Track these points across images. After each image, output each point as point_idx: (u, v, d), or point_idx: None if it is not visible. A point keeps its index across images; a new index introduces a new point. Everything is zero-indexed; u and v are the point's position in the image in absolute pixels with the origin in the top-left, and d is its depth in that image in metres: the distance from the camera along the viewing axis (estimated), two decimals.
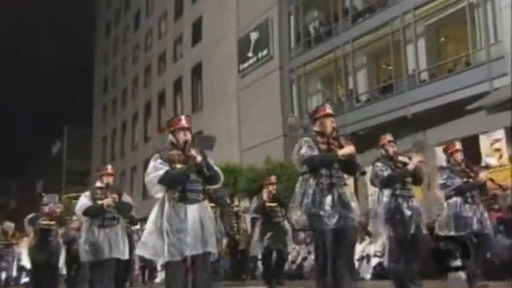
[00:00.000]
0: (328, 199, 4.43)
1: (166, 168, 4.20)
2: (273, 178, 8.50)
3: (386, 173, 5.45)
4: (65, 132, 51.07)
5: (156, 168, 4.22)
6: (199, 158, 4.25)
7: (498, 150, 12.83)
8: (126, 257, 6.66)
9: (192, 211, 4.24)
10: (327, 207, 4.40)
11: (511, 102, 11.41)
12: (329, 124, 4.63)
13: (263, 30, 22.24)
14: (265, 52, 22.13)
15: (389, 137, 5.77)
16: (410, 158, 5.59)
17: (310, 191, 4.45)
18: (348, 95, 18.29)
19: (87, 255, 6.31)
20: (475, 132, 13.30)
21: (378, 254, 10.27)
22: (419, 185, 5.98)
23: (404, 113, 15.22)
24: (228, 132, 22.46)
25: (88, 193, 6.50)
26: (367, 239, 10.82)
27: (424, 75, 15.77)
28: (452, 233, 5.91)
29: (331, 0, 19.13)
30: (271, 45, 21.73)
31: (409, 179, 5.57)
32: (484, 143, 13.18)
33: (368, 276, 10.28)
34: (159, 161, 4.27)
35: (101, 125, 41.67)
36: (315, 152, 4.48)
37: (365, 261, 10.57)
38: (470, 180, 5.92)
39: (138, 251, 4.58)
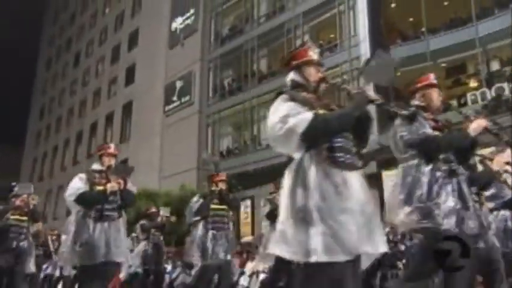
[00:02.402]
0: (448, 191, 2.70)
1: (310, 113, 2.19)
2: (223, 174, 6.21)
3: None
4: None
5: (297, 112, 2.17)
6: (371, 94, 2.25)
7: None
8: (130, 261, 4.66)
9: (356, 182, 2.18)
10: (450, 203, 2.66)
11: (377, 154, 12.69)
12: (436, 97, 3.03)
13: (187, 80, 22.63)
14: (187, 98, 22.42)
15: None
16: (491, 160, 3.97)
17: (425, 179, 2.71)
18: (252, 139, 18.94)
19: (79, 258, 3.90)
20: None
21: (266, 270, 10.45)
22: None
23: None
24: (150, 162, 22.27)
25: (83, 175, 4.06)
26: (257, 257, 10.36)
27: None
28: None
29: (242, 63, 20.15)
30: (192, 93, 22.11)
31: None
32: None
33: None
34: (292, 103, 2.24)
35: (34, 146, 39.08)
36: (429, 130, 2.81)
37: (254, 276, 10.52)
38: None
39: (275, 249, 2.13)
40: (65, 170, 31.84)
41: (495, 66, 14.35)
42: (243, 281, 11.72)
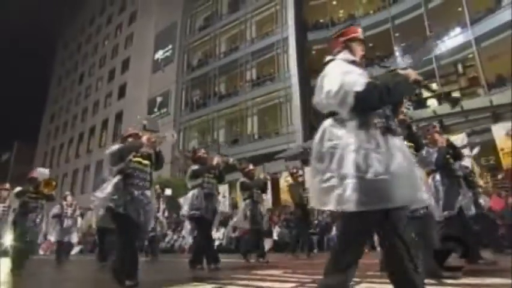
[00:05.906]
0: None
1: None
2: (437, 125, 3.52)
3: None
4: (15, 146, 42.11)
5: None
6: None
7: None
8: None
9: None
10: None
11: (301, 155, 12.24)
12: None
13: (165, 96, 21.60)
14: (165, 110, 21.37)
15: None
16: None
17: None
18: (213, 142, 18.19)
19: (364, 196, 1.41)
20: (278, 170, 13.49)
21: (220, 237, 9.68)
22: None
23: (244, 155, 15.39)
24: None
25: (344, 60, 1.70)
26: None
27: (256, 136, 16.40)
28: None
29: (207, 86, 19.47)
30: (169, 106, 21.14)
31: None
32: (284, 178, 12.05)
33: None
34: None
35: (45, 143, 35.68)
36: None
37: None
38: None
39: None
40: (69, 162, 29.72)
41: None
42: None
